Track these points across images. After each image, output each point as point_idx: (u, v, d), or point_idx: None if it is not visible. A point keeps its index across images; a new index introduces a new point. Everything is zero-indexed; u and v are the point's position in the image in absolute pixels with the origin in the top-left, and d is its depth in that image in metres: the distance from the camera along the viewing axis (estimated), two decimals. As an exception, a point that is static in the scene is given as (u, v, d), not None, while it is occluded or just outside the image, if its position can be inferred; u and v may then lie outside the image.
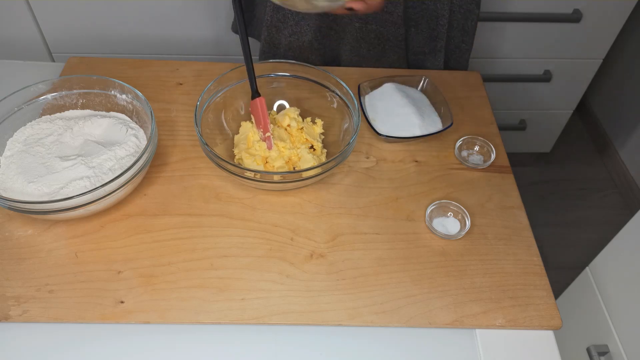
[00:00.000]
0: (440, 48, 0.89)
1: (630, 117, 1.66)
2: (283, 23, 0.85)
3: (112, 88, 0.70)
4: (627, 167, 1.69)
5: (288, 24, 0.85)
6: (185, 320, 0.56)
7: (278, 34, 0.87)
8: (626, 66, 1.67)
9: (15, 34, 1.17)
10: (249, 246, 0.62)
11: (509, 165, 0.74)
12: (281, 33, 0.87)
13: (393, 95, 0.77)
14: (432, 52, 0.90)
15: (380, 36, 0.85)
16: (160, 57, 1.22)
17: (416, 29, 0.87)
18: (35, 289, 0.57)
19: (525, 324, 0.58)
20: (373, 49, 0.87)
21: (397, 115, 0.75)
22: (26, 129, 0.68)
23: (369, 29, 0.84)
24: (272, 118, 0.73)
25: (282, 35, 0.87)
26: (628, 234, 0.86)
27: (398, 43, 0.87)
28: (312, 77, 0.74)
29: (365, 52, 0.88)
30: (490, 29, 1.28)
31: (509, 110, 1.52)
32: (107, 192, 0.59)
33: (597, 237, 1.59)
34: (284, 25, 0.85)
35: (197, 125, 0.66)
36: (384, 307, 0.58)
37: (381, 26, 0.84)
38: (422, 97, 0.78)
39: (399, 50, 0.88)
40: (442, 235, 0.65)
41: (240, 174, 0.63)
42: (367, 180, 0.70)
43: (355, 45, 0.87)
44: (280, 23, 0.85)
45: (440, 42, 0.88)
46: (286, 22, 0.85)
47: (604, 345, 0.86)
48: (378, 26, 0.84)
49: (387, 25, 0.84)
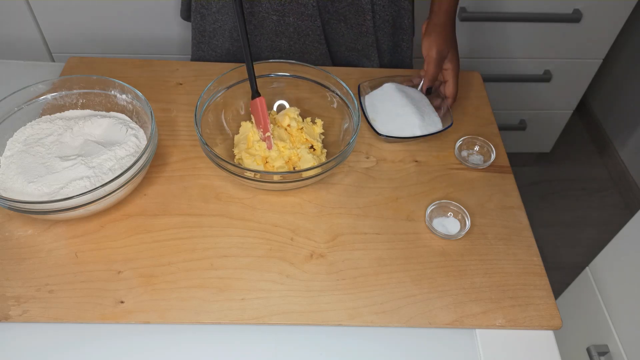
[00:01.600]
0: (372, 44, 0.87)
1: (630, 117, 1.66)
2: (207, 9, 0.84)
3: (112, 88, 0.70)
4: (627, 167, 1.69)
5: (211, 10, 0.84)
6: (185, 320, 0.56)
7: (203, 20, 0.86)
8: (626, 66, 1.67)
9: (15, 34, 1.17)
10: (249, 246, 0.62)
11: (509, 165, 0.74)
12: (205, 20, 0.86)
13: (393, 95, 0.76)
14: (364, 48, 0.87)
15: (299, 30, 0.83)
16: (160, 57, 1.23)
17: (345, 23, 0.85)
18: (35, 289, 0.57)
19: (525, 324, 0.58)
20: (294, 44, 0.85)
21: (397, 115, 0.75)
22: (26, 129, 0.68)
23: (287, 22, 0.82)
24: (272, 118, 0.73)
25: (206, 22, 0.86)
26: (628, 234, 0.86)
27: (317, 38, 0.84)
28: (312, 77, 0.74)
29: (286, 47, 0.86)
30: (490, 29, 1.28)
31: (509, 110, 1.52)
32: (107, 192, 0.59)
33: (597, 237, 1.59)
34: (207, 11, 0.84)
35: (197, 125, 0.66)
36: (384, 307, 0.58)
37: (298, 19, 0.82)
38: (422, 97, 0.78)
39: (320, 46, 0.86)
40: (442, 235, 0.65)
41: (240, 173, 0.63)
42: (367, 180, 0.70)
43: (275, 40, 0.85)
44: (204, 9, 0.84)
45: (369, 37, 0.86)
46: (209, 9, 0.84)
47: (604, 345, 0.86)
48: (295, 19, 0.82)
49: (304, 19, 0.81)
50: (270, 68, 0.75)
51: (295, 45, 0.86)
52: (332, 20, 0.84)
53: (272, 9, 0.81)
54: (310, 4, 0.79)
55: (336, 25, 0.85)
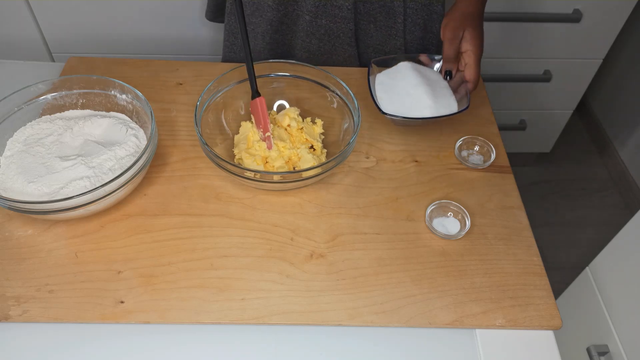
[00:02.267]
0: (400, 47, 0.86)
1: (630, 117, 1.66)
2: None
3: (112, 88, 0.70)
4: (627, 167, 1.69)
5: (245, 12, 0.82)
6: (185, 320, 0.56)
7: (236, 22, 0.86)
8: (626, 66, 1.67)
9: (15, 34, 1.17)
10: (249, 246, 0.62)
11: (509, 165, 0.74)
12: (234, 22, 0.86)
13: (407, 74, 0.72)
14: (392, 51, 0.87)
15: (330, 32, 0.83)
16: (160, 57, 1.23)
17: (375, 25, 0.85)
18: (35, 289, 0.57)
19: (525, 324, 0.58)
20: (323, 45, 0.86)
21: (407, 94, 0.70)
22: (26, 129, 0.68)
23: (319, 24, 0.82)
24: (272, 118, 0.73)
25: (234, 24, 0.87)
26: (628, 234, 0.86)
27: (348, 40, 0.85)
28: (312, 77, 0.74)
29: (315, 48, 0.86)
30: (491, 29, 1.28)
31: (509, 110, 1.52)
32: (107, 192, 0.59)
33: (597, 237, 1.59)
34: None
35: (197, 125, 0.66)
36: (384, 307, 0.58)
37: (331, 21, 0.82)
38: (440, 79, 0.73)
39: (349, 48, 0.86)
40: (442, 235, 0.65)
41: (240, 173, 0.63)
42: (367, 180, 0.70)
43: (305, 40, 0.85)
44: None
45: (398, 40, 0.86)
46: (244, 11, 0.84)
47: (604, 345, 0.86)
48: (328, 21, 0.82)
49: (337, 21, 0.82)
50: (270, 68, 0.75)
51: (325, 47, 0.86)
52: (362, 21, 0.84)
53: (305, 10, 0.81)
54: (345, 6, 0.80)
55: (365, 26, 0.85)
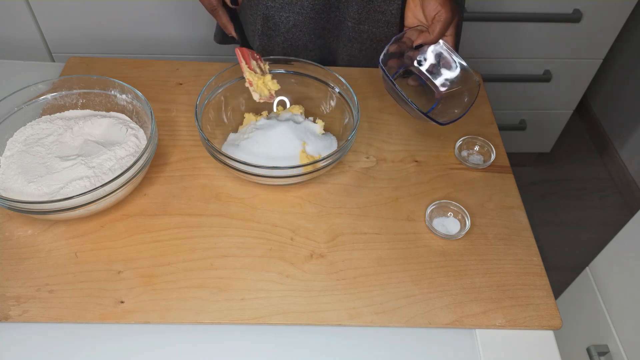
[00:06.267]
0: None
1: (630, 117, 1.66)
2: (274, 31, 0.85)
3: (112, 88, 0.70)
4: (627, 167, 1.69)
5: (280, 31, 0.85)
6: (185, 320, 0.56)
7: (270, 42, 0.87)
8: (626, 66, 1.67)
9: (15, 34, 1.17)
10: (249, 246, 0.62)
11: (509, 165, 0.74)
12: (273, 40, 0.87)
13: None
14: None
15: (373, 37, 0.84)
16: (160, 57, 1.23)
17: None
18: (35, 289, 0.57)
19: (525, 324, 0.58)
20: (365, 49, 0.86)
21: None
22: (26, 129, 0.68)
23: (361, 29, 0.83)
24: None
25: (274, 42, 0.87)
26: (628, 234, 0.86)
27: None
28: (312, 73, 0.74)
29: (357, 52, 0.87)
30: (491, 29, 1.28)
31: (509, 110, 1.52)
32: (107, 192, 0.59)
33: (597, 237, 1.59)
34: (275, 33, 0.85)
35: (198, 120, 0.66)
36: (384, 307, 0.58)
37: (374, 27, 0.83)
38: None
39: None
40: (442, 235, 0.65)
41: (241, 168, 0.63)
42: (367, 180, 0.70)
43: (348, 45, 0.86)
44: (272, 31, 0.85)
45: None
46: (278, 30, 0.85)
47: (604, 345, 0.86)
48: (371, 27, 0.83)
49: (380, 26, 0.83)
50: (270, 65, 0.75)
51: (367, 50, 0.87)
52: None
53: (348, 16, 0.82)
54: (389, 11, 0.80)
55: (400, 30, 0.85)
